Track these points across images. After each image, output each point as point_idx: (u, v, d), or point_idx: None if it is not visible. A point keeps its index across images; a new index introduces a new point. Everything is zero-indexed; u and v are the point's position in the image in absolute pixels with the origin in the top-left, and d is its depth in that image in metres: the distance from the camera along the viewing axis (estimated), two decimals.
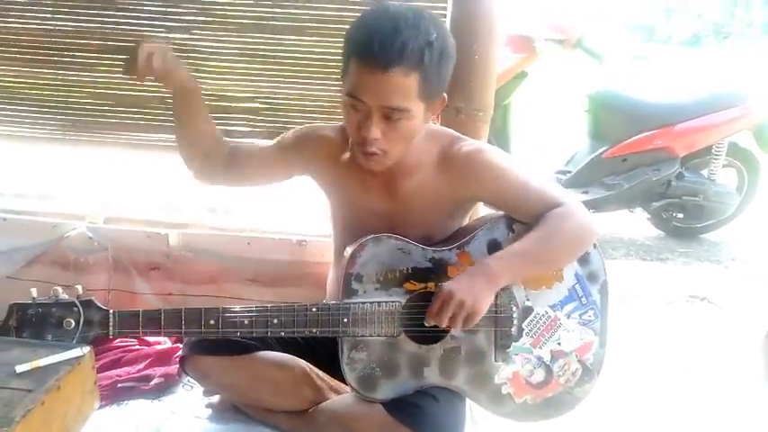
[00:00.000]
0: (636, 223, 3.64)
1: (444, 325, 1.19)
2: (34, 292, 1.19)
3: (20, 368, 0.99)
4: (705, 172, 3.38)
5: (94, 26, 1.82)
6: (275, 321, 1.25)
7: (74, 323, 1.18)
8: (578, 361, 1.36)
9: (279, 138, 1.48)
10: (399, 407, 1.27)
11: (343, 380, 1.34)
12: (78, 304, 1.19)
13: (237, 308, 1.25)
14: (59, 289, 1.20)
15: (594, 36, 3.40)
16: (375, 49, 1.12)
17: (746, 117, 3.21)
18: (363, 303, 1.26)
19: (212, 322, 1.23)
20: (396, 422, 1.25)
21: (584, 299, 1.35)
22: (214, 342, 1.40)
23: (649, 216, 3.48)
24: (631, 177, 3.24)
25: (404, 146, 1.25)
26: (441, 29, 1.20)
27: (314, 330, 1.26)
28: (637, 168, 3.25)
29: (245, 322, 1.24)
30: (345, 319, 1.26)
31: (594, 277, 1.36)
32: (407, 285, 1.28)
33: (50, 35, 1.84)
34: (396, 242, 1.29)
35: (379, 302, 1.27)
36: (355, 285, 1.27)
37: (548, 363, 1.34)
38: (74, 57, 1.85)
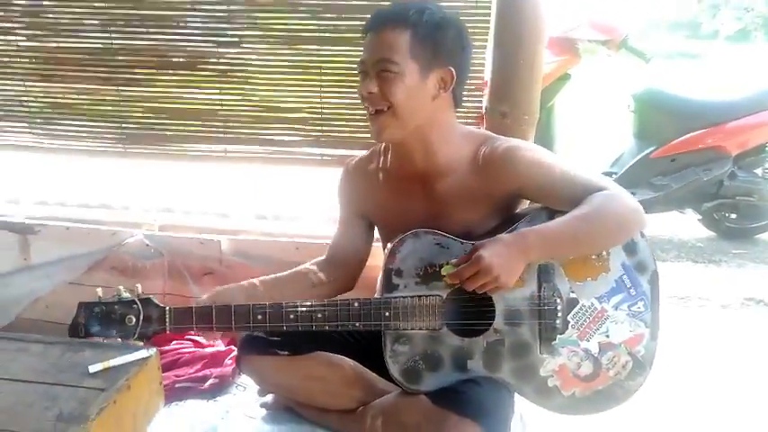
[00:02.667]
0: (687, 224, 3.55)
1: (467, 287, 1.21)
2: (100, 291, 1.26)
3: (93, 368, 1.05)
4: (759, 171, 3.28)
5: (150, 44, 1.91)
6: (319, 316, 1.28)
7: (134, 319, 1.25)
8: (629, 353, 1.32)
9: (341, 210, 1.55)
10: (442, 394, 1.28)
11: (389, 377, 1.36)
12: (138, 302, 1.26)
13: (283, 303, 1.29)
14: (122, 288, 1.27)
15: (639, 36, 3.33)
16: (372, 17, 1.29)
17: None
18: (404, 298, 1.28)
19: (260, 317, 1.28)
20: (439, 409, 1.26)
21: (632, 290, 1.31)
22: (268, 342, 1.44)
23: (701, 217, 3.39)
24: (681, 178, 3.16)
25: (410, 109, 1.28)
26: (446, 12, 1.29)
27: (357, 324, 1.29)
28: (686, 168, 3.17)
29: (291, 317, 1.28)
30: (387, 314, 1.28)
31: (643, 267, 1.31)
32: (447, 279, 1.28)
33: (109, 54, 1.95)
34: (434, 237, 1.31)
35: (419, 296, 1.29)
36: (396, 280, 1.30)
37: (595, 355, 1.32)
38: (131, 73, 1.95)
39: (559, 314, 1.29)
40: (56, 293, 2.05)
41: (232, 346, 1.89)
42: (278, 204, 2.10)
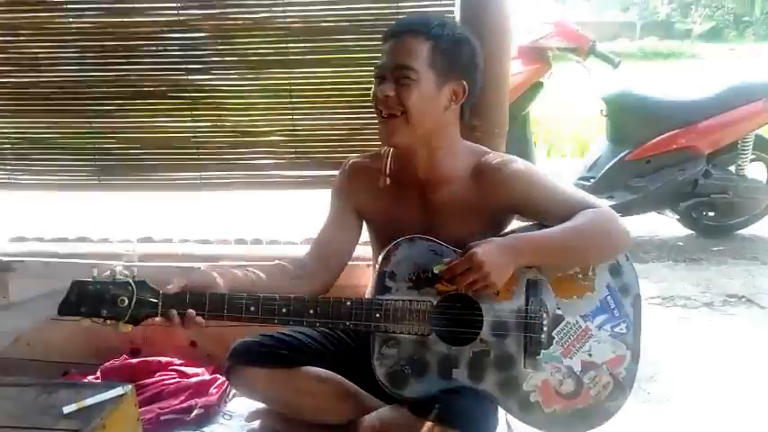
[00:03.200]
0: (666, 224, 3.58)
1: (459, 285, 1.24)
2: (95, 271, 1.23)
3: (67, 409, 1.05)
4: (733, 168, 3.32)
5: (119, 74, 1.91)
6: (311, 312, 1.29)
7: (127, 301, 1.22)
8: (610, 374, 1.34)
9: (330, 208, 1.54)
10: (426, 406, 1.28)
11: (376, 392, 1.37)
12: (133, 284, 1.24)
13: (277, 296, 1.29)
14: (118, 268, 1.24)
15: (612, 38, 3.38)
16: (396, 25, 1.36)
17: None
18: (396, 300, 1.30)
19: (253, 309, 1.28)
20: (420, 419, 1.27)
21: (615, 311, 1.34)
22: (259, 354, 1.44)
23: (678, 217, 3.42)
24: (656, 179, 3.20)
25: (422, 117, 1.31)
26: (464, 30, 1.36)
27: (347, 323, 1.30)
28: (661, 169, 3.21)
29: (284, 311, 1.29)
30: (377, 315, 1.30)
31: (627, 290, 1.35)
32: (440, 286, 1.31)
33: (78, 86, 1.94)
34: (429, 243, 1.34)
35: (410, 301, 1.30)
36: (389, 283, 1.32)
37: (578, 373, 1.33)
38: (102, 105, 1.95)
39: (545, 329, 1.31)
40: (37, 330, 2.02)
41: (217, 375, 1.88)
42: (257, 228, 2.09)
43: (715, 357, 2.28)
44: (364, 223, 1.54)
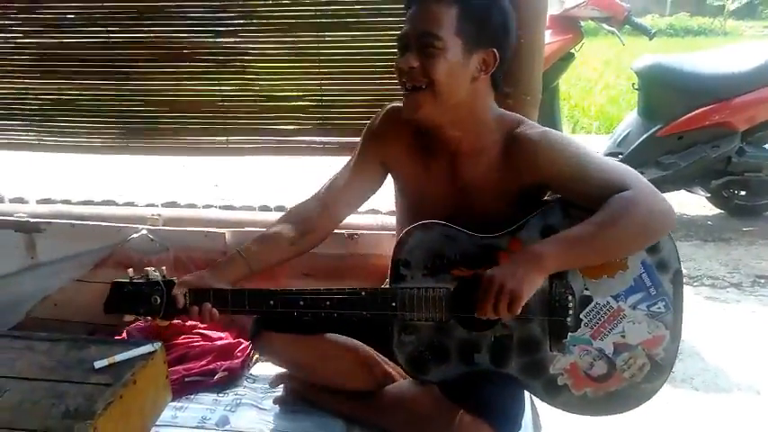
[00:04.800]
0: (695, 203, 3.51)
1: (490, 313, 1.16)
2: (131, 271, 1.34)
3: (98, 364, 1.05)
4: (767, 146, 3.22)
5: (146, 37, 1.89)
6: (328, 303, 1.29)
7: (159, 300, 1.31)
8: (647, 355, 1.28)
9: (355, 154, 1.49)
10: (454, 388, 1.27)
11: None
12: (162, 284, 1.32)
13: (295, 290, 1.32)
14: (150, 269, 1.34)
15: (642, 14, 3.26)
16: None
17: None
18: (411, 289, 1.28)
19: (272, 302, 1.30)
20: (453, 405, 1.25)
21: (652, 289, 1.26)
22: (284, 320, 1.44)
23: (709, 195, 3.34)
24: (688, 155, 3.12)
25: (449, 88, 1.23)
26: None
27: (364, 313, 1.29)
28: (694, 146, 3.12)
29: (301, 303, 1.30)
30: (394, 304, 1.28)
31: (665, 266, 1.25)
32: (456, 272, 1.28)
33: (105, 48, 1.92)
34: (443, 229, 1.29)
35: (426, 288, 1.28)
36: (403, 271, 1.29)
37: (610, 355, 1.28)
38: (129, 68, 1.93)
39: (571, 312, 1.26)
40: (64, 292, 2.05)
41: (241, 339, 1.89)
42: (281, 194, 2.08)
43: (742, 338, 2.24)
44: (393, 187, 1.49)
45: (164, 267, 1.36)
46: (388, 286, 1.32)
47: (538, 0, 1.60)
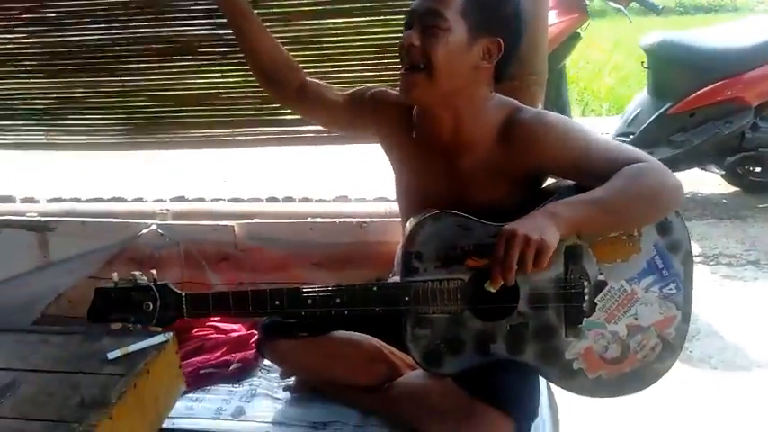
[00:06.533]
0: (710, 181, 3.46)
1: (514, 267, 1.07)
2: (115, 276, 1.24)
3: (111, 354, 1.06)
4: None
5: (148, 31, 1.89)
6: (338, 300, 1.25)
7: (152, 305, 1.22)
8: (658, 336, 1.28)
9: (353, 90, 1.48)
10: (470, 379, 1.25)
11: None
12: (154, 288, 1.23)
13: (301, 288, 1.26)
14: (137, 273, 1.24)
15: None
16: None
17: None
18: (425, 281, 1.24)
19: (277, 303, 1.25)
20: (470, 398, 1.23)
21: (664, 271, 1.25)
22: (288, 325, 1.44)
23: (723, 172, 3.29)
24: (701, 133, 3.07)
25: (448, 72, 1.20)
26: None
27: (376, 308, 1.26)
28: (706, 123, 3.07)
29: (309, 302, 1.26)
30: (407, 298, 1.25)
31: (676, 247, 1.25)
32: (469, 262, 1.24)
33: (108, 45, 1.93)
34: (455, 219, 1.25)
35: (440, 280, 1.24)
36: (415, 263, 1.25)
37: (623, 338, 1.27)
38: (131, 63, 1.93)
39: (586, 297, 1.25)
40: (77, 289, 2.07)
41: (253, 330, 1.90)
42: (289, 185, 2.08)
43: (761, 316, 2.21)
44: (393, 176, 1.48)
45: (153, 271, 1.26)
46: (398, 278, 1.30)
47: None
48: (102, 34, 1.92)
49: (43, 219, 2.08)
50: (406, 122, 1.38)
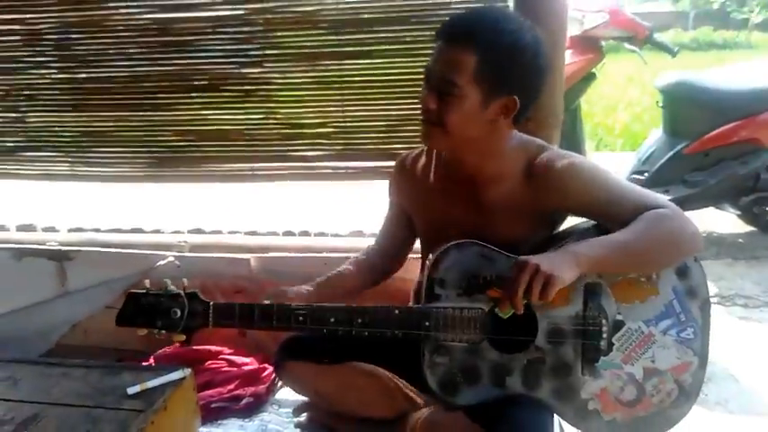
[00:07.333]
0: (725, 220, 3.43)
1: (520, 296, 1.12)
2: (147, 282, 1.27)
3: (131, 390, 1.07)
4: None
5: (174, 69, 1.95)
6: (359, 321, 1.26)
7: (179, 312, 1.24)
8: (675, 381, 1.27)
9: (389, 203, 1.55)
10: (484, 414, 1.25)
11: (423, 386, 1.34)
12: (184, 296, 1.26)
13: (326, 305, 1.28)
14: (168, 281, 1.27)
15: (665, 29, 3.24)
16: (446, 25, 1.22)
17: None
18: (446, 308, 1.26)
19: (301, 318, 1.26)
20: (478, 428, 1.24)
21: (682, 315, 1.26)
22: (306, 349, 1.45)
23: (739, 212, 3.27)
24: (716, 173, 3.06)
25: (462, 131, 1.24)
26: (527, 31, 1.20)
27: (396, 332, 1.27)
28: (721, 163, 3.06)
29: (332, 320, 1.27)
30: (427, 323, 1.26)
31: (694, 293, 1.26)
32: (491, 292, 1.26)
33: (135, 81, 1.99)
34: (479, 249, 1.27)
35: (461, 308, 1.26)
36: (438, 290, 1.27)
37: (640, 380, 1.27)
38: (157, 98, 2.00)
39: (604, 336, 1.24)
40: (93, 319, 2.10)
41: (266, 365, 1.90)
42: (305, 220, 2.11)
43: None
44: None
45: (184, 279, 1.29)
46: (421, 305, 1.30)
47: (557, 22, 1.62)
48: (129, 71, 1.99)
49: (63, 248, 2.12)
50: (424, 170, 1.42)
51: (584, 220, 1.34)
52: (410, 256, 1.83)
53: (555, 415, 1.31)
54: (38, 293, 2.12)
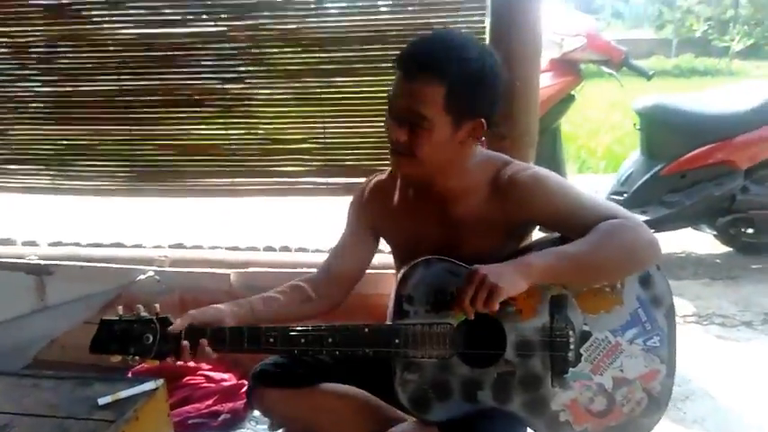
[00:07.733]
0: (702, 241, 3.49)
1: (467, 304, 1.15)
2: (120, 309, 1.26)
3: (102, 400, 1.07)
4: None
5: (156, 84, 1.97)
6: (330, 340, 1.27)
7: (152, 338, 1.24)
8: (643, 389, 1.29)
9: (348, 212, 1.53)
10: (457, 429, 1.25)
11: (398, 404, 1.35)
12: (155, 321, 1.25)
13: (296, 326, 1.29)
14: (141, 307, 1.27)
15: (647, 55, 3.32)
16: (405, 56, 1.20)
17: None
18: (414, 325, 1.27)
19: (271, 340, 1.27)
20: None
21: (647, 324, 1.28)
22: (278, 375, 1.44)
23: (716, 233, 3.32)
24: (692, 194, 3.11)
25: (434, 158, 1.26)
26: (488, 55, 1.22)
27: (367, 350, 1.27)
28: (698, 184, 3.12)
29: (302, 341, 1.27)
30: (397, 340, 1.26)
31: (659, 301, 1.29)
32: (456, 310, 1.26)
33: (117, 95, 2.01)
34: (445, 264, 1.29)
35: (430, 324, 1.27)
36: (406, 307, 1.28)
37: (609, 390, 1.28)
38: (139, 113, 2.02)
39: (571, 347, 1.27)
40: (71, 334, 2.08)
41: (244, 380, 1.90)
42: (286, 235, 2.12)
43: (755, 378, 2.20)
44: (383, 240, 1.52)
45: (156, 305, 1.28)
46: (389, 322, 1.32)
47: (532, 43, 1.67)
48: (112, 85, 2.01)
49: (42, 262, 2.11)
50: (391, 190, 1.44)
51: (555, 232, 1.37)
52: (386, 271, 1.85)
53: (527, 428, 1.32)
54: (16, 308, 2.10)
